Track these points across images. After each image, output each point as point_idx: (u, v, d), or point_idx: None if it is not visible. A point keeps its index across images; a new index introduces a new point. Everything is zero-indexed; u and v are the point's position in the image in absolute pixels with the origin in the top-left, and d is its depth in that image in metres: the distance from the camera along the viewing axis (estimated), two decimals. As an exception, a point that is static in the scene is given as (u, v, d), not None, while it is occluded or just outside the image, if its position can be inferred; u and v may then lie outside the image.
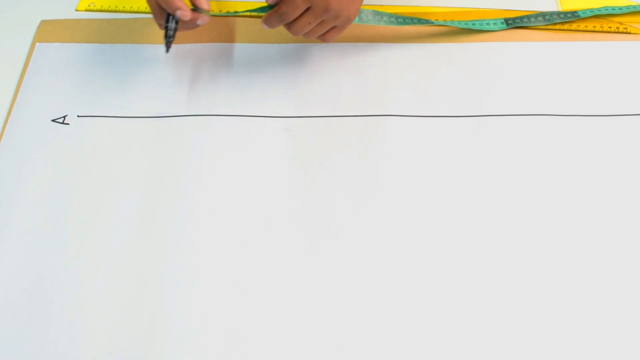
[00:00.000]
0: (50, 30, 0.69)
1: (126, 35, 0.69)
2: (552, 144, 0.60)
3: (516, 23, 0.68)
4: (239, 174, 0.58)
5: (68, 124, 0.62)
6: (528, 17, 0.68)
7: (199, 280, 0.52)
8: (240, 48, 0.67)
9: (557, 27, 0.69)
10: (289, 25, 0.59)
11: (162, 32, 0.59)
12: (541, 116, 0.62)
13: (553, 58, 0.66)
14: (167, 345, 0.49)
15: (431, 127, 0.61)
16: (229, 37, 0.69)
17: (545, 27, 0.69)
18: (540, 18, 0.67)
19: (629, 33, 0.68)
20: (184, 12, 0.57)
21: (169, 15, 0.58)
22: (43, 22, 0.70)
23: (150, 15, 0.70)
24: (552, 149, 0.59)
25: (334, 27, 0.61)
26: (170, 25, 0.59)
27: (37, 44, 0.68)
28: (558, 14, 0.68)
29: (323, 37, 0.62)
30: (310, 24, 0.59)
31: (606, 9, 0.69)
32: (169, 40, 0.59)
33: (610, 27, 0.68)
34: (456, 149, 0.59)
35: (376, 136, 0.60)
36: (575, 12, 0.68)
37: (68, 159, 0.59)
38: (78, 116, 0.62)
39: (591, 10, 0.68)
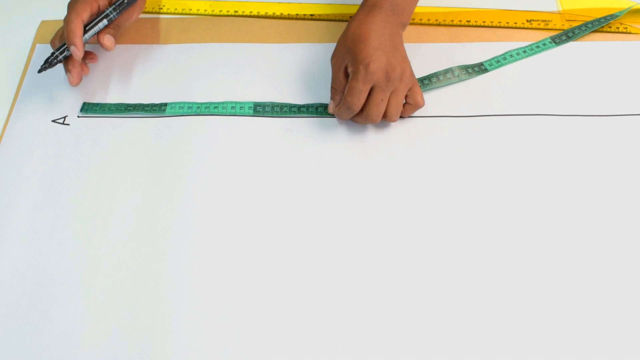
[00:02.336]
0: (50, 31, 0.69)
1: (126, 35, 0.69)
2: (552, 144, 0.60)
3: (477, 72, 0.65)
4: (239, 174, 0.58)
5: (68, 124, 0.62)
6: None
7: (200, 279, 0.52)
8: (240, 48, 0.67)
9: (558, 26, 0.69)
10: (365, 113, 0.57)
11: (161, 32, 0.59)
12: (541, 116, 0.61)
13: (553, 58, 0.66)
14: (168, 344, 0.49)
15: (431, 127, 0.61)
16: (229, 37, 0.69)
17: (546, 27, 0.69)
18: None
19: (629, 33, 0.68)
20: (77, 51, 0.59)
21: (63, 45, 0.60)
22: (43, 22, 0.70)
23: (149, 15, 0.71)
24: (552, 149, 0.59)
25: (412, 90, 0.58)
26: (58, 56, 0.60)
27: (37, 44, 0.68)
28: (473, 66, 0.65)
29: (415, 102, 0.59)
30: (382, 100, 0.56)
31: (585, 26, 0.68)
32: (47, 65, 0.60)
33: (610, 27, 0.68)
34: (456, 149, 0.59)
35: (376, 136, 0.60)
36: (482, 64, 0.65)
37: (68, 159, 0.59)
38: (78, 116, 0.62)
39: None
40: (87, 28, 0.60)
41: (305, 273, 0.52)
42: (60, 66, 0.63)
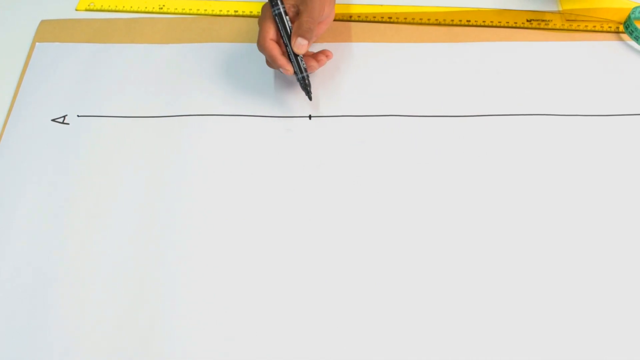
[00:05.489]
0: (50, 30, 0.69)
1: (126, 35, 0.69)
2: (552, 144, 0.60)
3: None
4: (239, 174, 0.58)
5: (68, 123, 0.62)
6: None
7: (199, 280, 0.52)
8: (240, 48, 0.67)
9: (557, 26, 0.69)
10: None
11: (161, 32, 0.59)
12: (541, 116, 0.62)
13: (553, 58, 0.66)
14: (168, 344, 0.49)
15: (431, 127, 0.61)
16: (229, 37, 0.69)
17: (546, 27, 0.69)
18: None
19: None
20: (287, 70, 0.59)
21: (297, 64, 0.60)
22: (43, 22, 0.70)
23: (150, 15, 0.71)
24: (552, 149, 0.59)
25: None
26: (305, 75, 0.60)
27: (37, 44, 0.68)
28: None
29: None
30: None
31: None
32: (308, 90, 0.61)
33: (610, 27, 0.69)
34: (456, 149, 0.59)
35: (376, 136, 0.60)
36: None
37: (68, 159, 0.59)
38: (78, 116, 0.62)
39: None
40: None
41: (306, 273, 0.52)
42: (56, 67, 0.63)
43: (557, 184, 0.57)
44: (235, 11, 0.71)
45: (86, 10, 0.72)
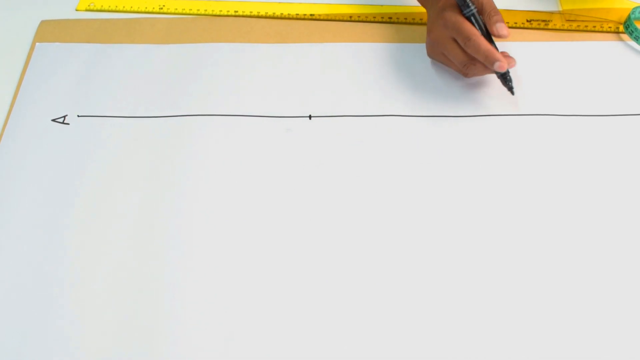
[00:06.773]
0: (50, 30, 0.69)
1: (126, 35, 0.69)
2: (552, 144, 0.60)
3: None
4: (239, 174, 0.58)
5: (68, 123, 0.62)
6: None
7: (199, 279, 0.52)
8: (240, 48, 0.67)
9: (557, 26, 0.69)
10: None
11: (161, 32, 0.59)
12: (541, 116, 0.62)
13: (553, 58, 0.66)
14: (168, 344, 0.49)
15: (431, 127, 0.61)
16: (229, 37, 0.69)
17: (546, 27, 0.69)
18: None
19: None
20: (502, 64, 0.57)
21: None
22: (43, 22, 0.70)
23: (149, 15, 0.71)
24: (552, 149, 0.59)
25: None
26: (508, 82, 0.61)
27: (37, 44, 0.68)
28: None
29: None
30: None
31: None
32: (510, 83, 0.61)
33: (610, 27, 0.69)
34: (456, 149, 0.59)
35: (376, 136, 0.60)
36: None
37: (68, 159, 0.59)
38: (78, 116, 0.62)
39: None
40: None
41: (305, 272, 0.52)
42: (56, 67, 0.63)
43: (557, 184, 0.57)
44: (235, 11, 0.71)
45: (86, 10, 0.72)
